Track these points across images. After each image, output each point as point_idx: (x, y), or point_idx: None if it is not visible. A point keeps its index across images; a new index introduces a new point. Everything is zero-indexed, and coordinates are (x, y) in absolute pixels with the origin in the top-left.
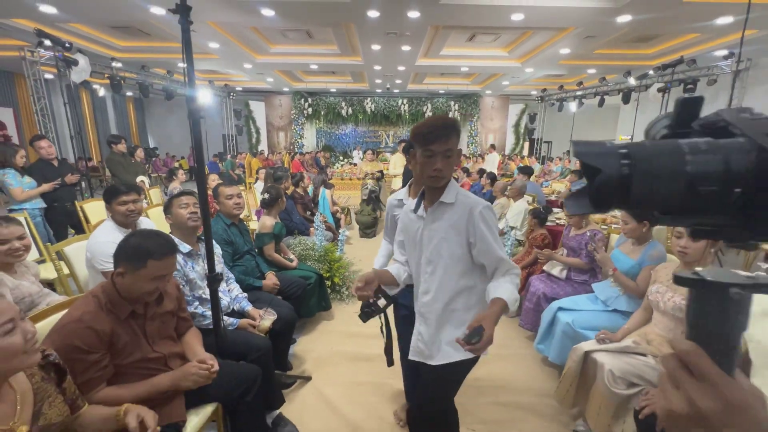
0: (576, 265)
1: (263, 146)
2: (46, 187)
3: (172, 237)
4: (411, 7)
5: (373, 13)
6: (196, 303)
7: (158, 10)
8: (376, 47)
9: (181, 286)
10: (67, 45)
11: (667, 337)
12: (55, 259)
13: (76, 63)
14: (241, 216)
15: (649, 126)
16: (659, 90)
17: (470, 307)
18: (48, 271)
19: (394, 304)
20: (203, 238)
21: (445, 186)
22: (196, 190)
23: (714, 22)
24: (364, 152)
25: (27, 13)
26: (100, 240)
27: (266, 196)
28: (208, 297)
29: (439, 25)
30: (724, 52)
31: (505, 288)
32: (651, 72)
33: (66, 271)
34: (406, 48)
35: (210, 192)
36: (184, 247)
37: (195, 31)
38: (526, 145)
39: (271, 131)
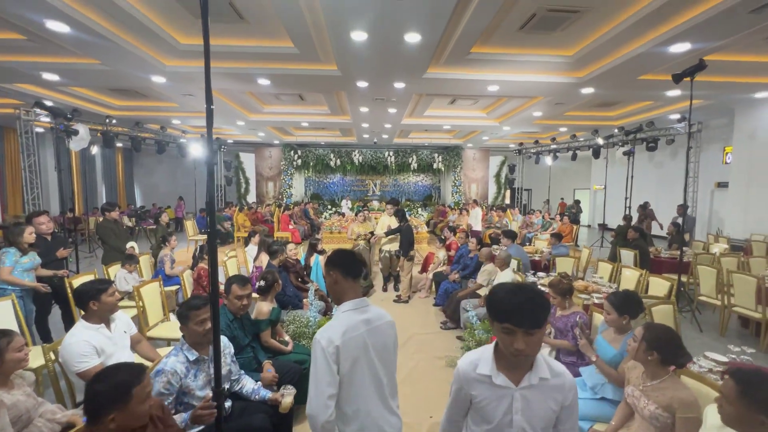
0: (563, 346)
1: (252, 196)
2: (36, 286)
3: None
4: (397, 79)
5: (362, 84)
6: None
7: (158, 79)
8: (364, 109)
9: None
10: (68, 116)
11: None
12: (50, 360)
13: (76, 133)
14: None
15: None
16: (624, 153)
17: None
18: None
19: None
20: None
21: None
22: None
23: (666, 93)
24: (356, 213)
25: (30, 80)
26: (71, 342)
27: (263, 283)
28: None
29: (422, 93)
30: (678, 116)
31: None
32: (616, 131)
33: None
34: (392, 110)
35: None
36: (192, 354)
37: (193, 95)
38: (508, 193)
39: (261, 181)
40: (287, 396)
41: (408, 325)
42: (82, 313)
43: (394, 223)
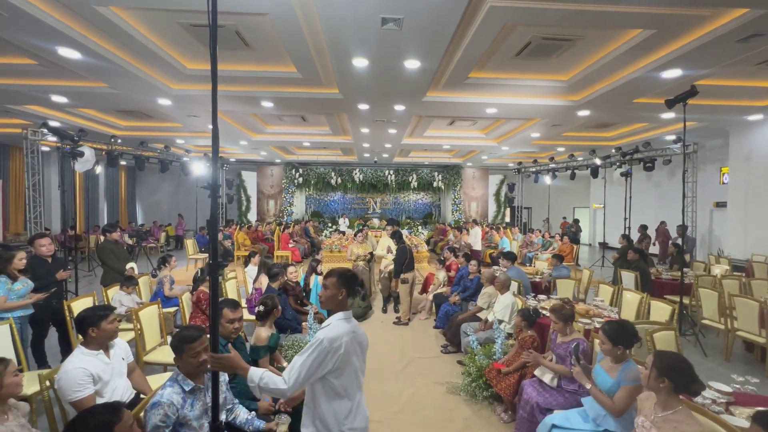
0: (563, 372)
1: (253, 214)
2: (34, 298)
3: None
4: (397, 102)
5: (363, 106)
6: None
7: (164, 101)
8: (365, 130)
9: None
10: (75, 138)
11: None
12: (45, 388)
13: (82, 154)
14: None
15: None
16: (622, 174)
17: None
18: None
19: None
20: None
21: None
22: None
23: (660, 115)
24: (355, 233)
25: (38, 101)
26: (67, 369)
27: (261, 309)
28: None
29: (422, 115)
30: (674, 137)
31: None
32: (613, 151)
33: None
34: (392, 131)
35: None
36: (187, 384)
37: (197, 116)
38: (508, 211)
39: (262, 199)
40: (281, 425)
41: (408, 349)
42: (80, 337)
43: (393, 243)
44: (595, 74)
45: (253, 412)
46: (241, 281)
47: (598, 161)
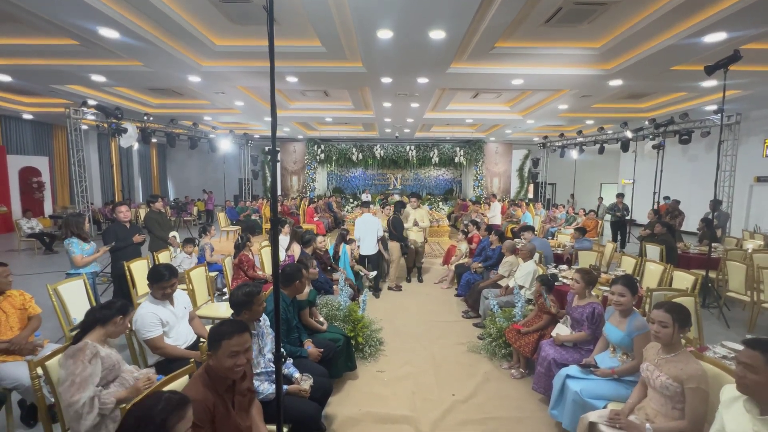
0: (581, 339)
1: (277, 189)
2: (101, 251)
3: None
4: (421, 74)
5: (386, 80)
6: None
7: (194, 78)
8: (387, 104)
9: None
10: (119, 115)
11: (661, 411)
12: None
13: (125, 131)
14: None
15: None
16: (654, 147)
17: None
18: None
19: None
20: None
21: None
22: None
23: (700, 84)
24: (383, 206)
25: (79, 81)
26: (141, 313)
27: None
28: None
29: (445, 87)
30: (714, 107)
31: None
32: (646, 123)
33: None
34: (415, 105)
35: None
36: None
37: (224, 93)
38: (531, 187)
39: (285, 175)
40: (305, 383)
41: (432, 314)
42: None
43: (419, 215)
44: (629, 40)
45: (290, 359)
46: None
47: (629, 134)
